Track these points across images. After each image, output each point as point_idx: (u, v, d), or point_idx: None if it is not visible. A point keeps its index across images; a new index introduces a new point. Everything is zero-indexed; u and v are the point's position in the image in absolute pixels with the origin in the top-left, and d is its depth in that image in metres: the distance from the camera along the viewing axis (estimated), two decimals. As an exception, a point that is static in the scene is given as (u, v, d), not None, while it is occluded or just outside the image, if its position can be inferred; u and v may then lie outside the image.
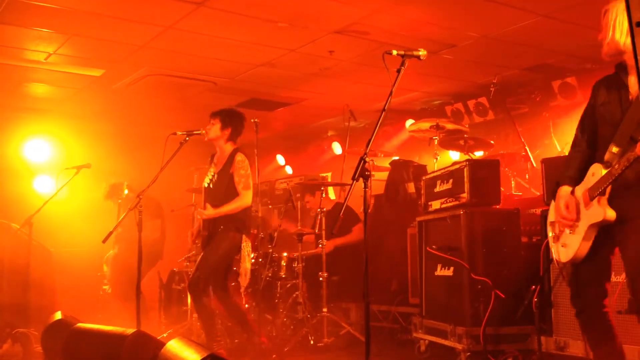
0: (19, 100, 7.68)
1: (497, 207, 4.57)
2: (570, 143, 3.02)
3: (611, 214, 2.65)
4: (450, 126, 5.82)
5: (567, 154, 3.11)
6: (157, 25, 5.35)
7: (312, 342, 5.26)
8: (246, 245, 4.76)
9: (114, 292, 6.33)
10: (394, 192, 6.28)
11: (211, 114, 4.94)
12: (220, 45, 5.87)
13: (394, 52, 2.92)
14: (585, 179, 2.78)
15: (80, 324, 3.94)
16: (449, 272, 4.53)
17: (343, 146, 8.62)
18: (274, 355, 4.82)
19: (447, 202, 4.70)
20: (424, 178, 5.21)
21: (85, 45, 5.84)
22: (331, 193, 7.44)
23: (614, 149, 2.65)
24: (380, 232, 6.06)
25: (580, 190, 2.78)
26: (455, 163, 4.77)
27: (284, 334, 5.67)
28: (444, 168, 4.93)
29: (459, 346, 4.22)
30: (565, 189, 2.85)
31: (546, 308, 4.02)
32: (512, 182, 5.74)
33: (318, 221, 5.79)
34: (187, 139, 4.69)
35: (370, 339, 2.80)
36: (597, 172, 2.73)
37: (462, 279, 4.33)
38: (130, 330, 3.54)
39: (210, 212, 4.72)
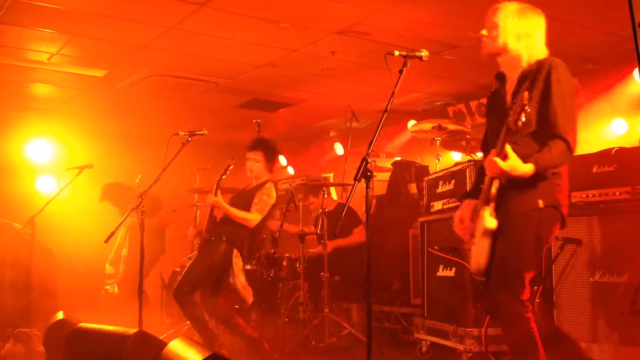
0: (21, 101, 7.69)
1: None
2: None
3: (491, 223, 2.70)
4: (452, 127, 5.82)
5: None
6: (159, 26, 5.36)
7: (313, 342, 5.27)
8: (237, 262, 4.70)
9: (123, 293, 6.33)
10: (396, 193, 6.28)
11: (250, 148, 4.89)
12: (222, 46, 5.87)
13: (396, 53, 2.92)
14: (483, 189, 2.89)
15: (82, 324, 3.94)
16: (450, 272, 4.53)
17: (345, 147, 8.62)
18: (275, 356, 4.82)
19: (449, 203, 4.70)
20: (426, 179, 5.21)
21: (88, 46, 5.84)
22: (333, 193, 7.43)
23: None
24: (382, 232, 6.06)
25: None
26: (457, 164, 4.77)
27: (286, 335, 5.67)
28: (446, 169, 4.93)
29: (460, 347, 4.22)
30: (467, 202, 2.95)
31: (548, 309, 4.02)
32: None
33: (320, 222, 5.79)
34: (190, 139, 4.69)
35: (371, 339, 2.80)
36: (486, 182, 2.82)
37: (464, 280, 4.33)
38: (132, 330, 3.54)
39: (218, 199, 4.67)
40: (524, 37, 2.82)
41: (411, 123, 7.54)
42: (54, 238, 6.57)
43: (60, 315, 4.26)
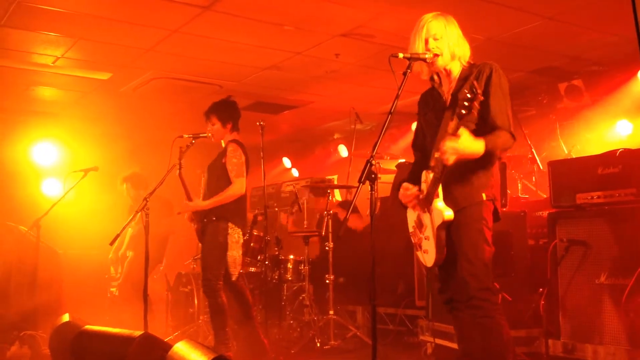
0: (26, 104, 7.72)
1: (504, 209, 4.56)
2: (577, 145, 3.08)
3: (449, 215, 2.81)
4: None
5: (574, 156, 3.16)
6: (163, 29, 5.37)
7: (318, 344, 5.27)
8: (233, 232, 4.68)
9: (125, 295, 6.33)
10: (400, 195, 6.27)
11: (205, 115, 4.89)
12: (226, 49, 5.88)
13: (400, 55, 2.93)
14: (422, 186, 2.98)
15: (87, 326, 3.94)
16: (455, 274, 4.51)
17: (349, 149, 8.62)
18: (280, 358, 4.82)
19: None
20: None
21: (93, 49, 5.87)
22: (337, 196, 7.43)
23: (436, 155, 2.84)
24: (386, 234, 6.06)
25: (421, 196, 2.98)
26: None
27: (291, 337, 5.68)
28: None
29: (465, 349, 4.21)
30: (405, 184, 3.07)
31: (554, 311, 4.01)
32: (519, 184, 5.72)
33: (324, 223, 5.79)
34: (194, 141, 4.71)
35: (377, 341, 2.80)
36: (427, 178, 2.92)
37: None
38: (137, 333, 3.54)
39: (201, 204, 4.69)
40: (461, 42, 3.02)
41: (415, 125, 7.52)
42: (59, 240, 6.59)
43: (66, 317, 4.26)
